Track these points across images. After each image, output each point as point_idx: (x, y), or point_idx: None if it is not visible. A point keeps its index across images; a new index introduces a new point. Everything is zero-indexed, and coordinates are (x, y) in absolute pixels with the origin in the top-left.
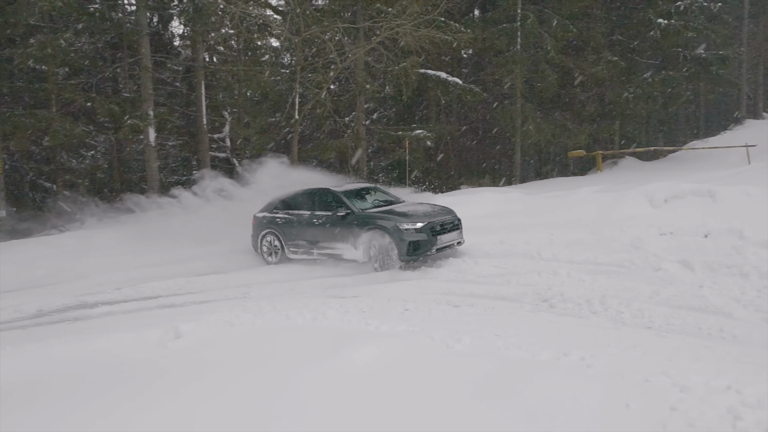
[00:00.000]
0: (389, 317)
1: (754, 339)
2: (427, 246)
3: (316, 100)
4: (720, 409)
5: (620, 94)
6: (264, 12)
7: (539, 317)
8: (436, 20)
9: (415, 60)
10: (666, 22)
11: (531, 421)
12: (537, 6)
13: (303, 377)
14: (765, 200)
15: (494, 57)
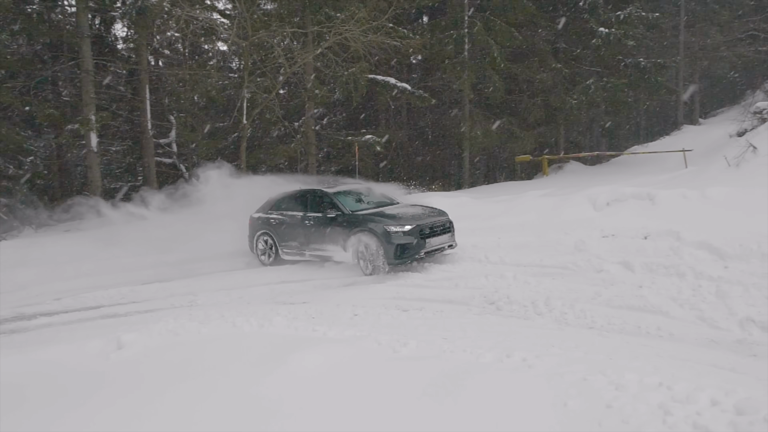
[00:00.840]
0: (338, 323)
1: (689, 336)
2: (415, 249)
3: (264, 104)
4: (652, 406)
5: (565, 101)
6: (210, 15)
7: (486, 320)
8: (384, 26)
9: (364, 65)
10: (607, 31)
11: (473, 422)
12: (484, 13)
13: (247, 386)
14: (700, 203)
15: (442, 63)
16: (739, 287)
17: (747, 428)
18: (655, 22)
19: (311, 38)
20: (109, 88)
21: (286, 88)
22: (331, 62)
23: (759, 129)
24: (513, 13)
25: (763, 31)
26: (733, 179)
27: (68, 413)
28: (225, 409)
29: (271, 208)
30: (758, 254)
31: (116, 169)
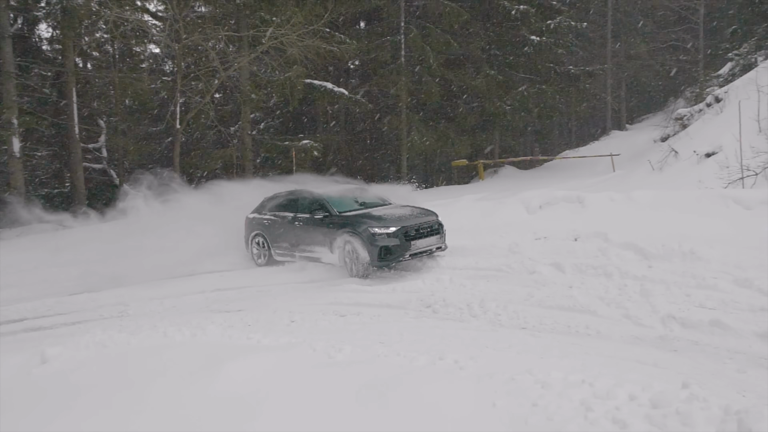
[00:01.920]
0: (274, 330)
1: (616, 334)
2: (399, 251)
3: (198, 109)
4: (575, 402)
5: (499, 106)
6: (141, 17)
7: (423, 323)
8: (320, 31)
9: (301, 70)
10: (539, 39)
11: (402, 426)
12: (420, 20)
13: (176, 397)
14: (627, 205)
15: (379, 69)
16: (662, 286)
17: (661, 421)
18: (584, 31)
19: (246, 42)
20: (33, 91)
21: (221, 92)
22: (267, 66)
23: (680, 134)
24: (448, 20)
25: (683, 42)
26: (657, 182)
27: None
28: (152, 427)
29: (265, 209)
30: (679, 254)
31: (42, 175)
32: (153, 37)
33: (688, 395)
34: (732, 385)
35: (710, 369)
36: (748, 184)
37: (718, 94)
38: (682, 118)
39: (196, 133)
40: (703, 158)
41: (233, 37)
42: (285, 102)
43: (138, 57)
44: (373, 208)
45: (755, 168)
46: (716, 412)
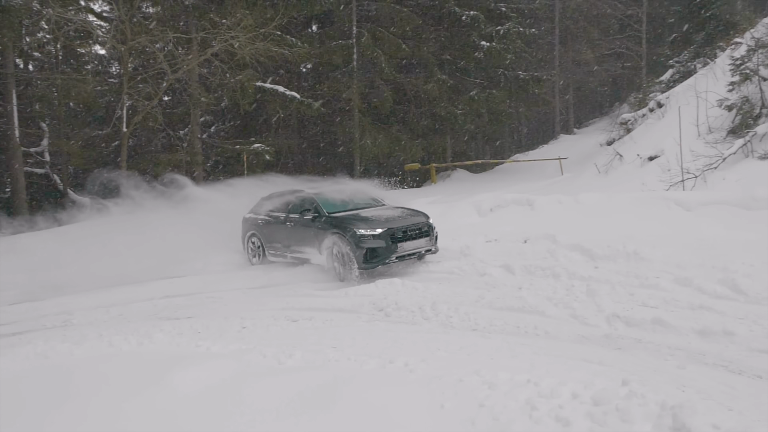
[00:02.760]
0: (224, 337)
1: (563, 333)
2: (385, 254)
3: (146, 112)
4: (520, 402)
5: (450, 111)
6: (86, 17)
7: (375, 326)
8: (272, 34)
9: (252, 73)
10: (488, 44)
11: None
12: (372, 24)
13: (119, 409)
14: (574, 207)
15: (332, 72)
16: (607, 285)
17: (601, 418)
18: (532, 37)
19: (196, 44)
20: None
21: (170, 95)
22: (218, 69)
23: (625, 139)
24: (399, 25)
25: (627, 49)
26: (603, 185)
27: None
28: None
29: (260, 209)
30: (624, 254)
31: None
32: (98, 38)
33: (627, 392)
34: (672, 381)
35: (652, 366)
36: (689, 186)
37: (660, 99)
38: (627, 122)
39: (143, 137)
40: (647, 161)
41: (182, 39)
42: (236, 105)
43: (82, 58)
44: (364, 209)
45: (695, 171)
46: (653, 408)
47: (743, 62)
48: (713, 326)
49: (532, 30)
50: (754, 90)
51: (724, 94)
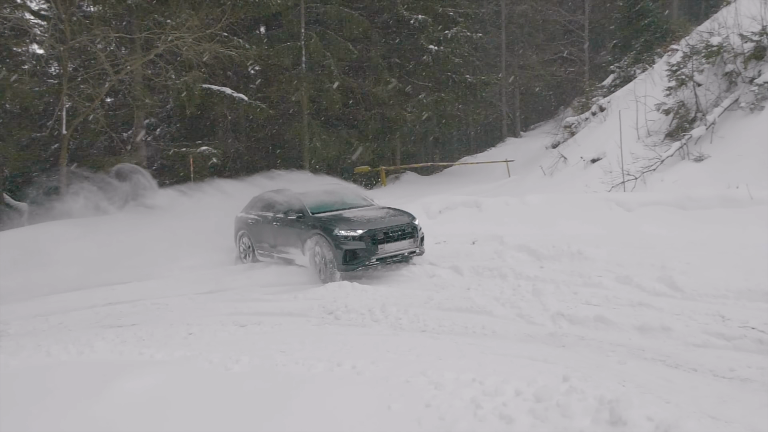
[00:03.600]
0: (170, 344)
1: (510, 333)
2: (366, 256)
3: (87, 113)
4: (465, 400)
5: (399, 113)
6: (22, 15)
7: (325, 330)
8: (218, 35)
9: (198, 74)
10: (437, 48)
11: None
12: (321, 27)
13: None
14: (520, 209)
15: (281, 74)
16: (552, 285)
17: (543, 414)
18: (479, 41)
19: (139, 45)
20: None
21: (112, 97)
22: (163, 70)
23: (569, 141)
24: (348, 28)
25: (570, 55)
26: (548, 187)
27: None
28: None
29: (250, 208)
30: (568, 254)
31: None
32: (35, 37)
33: (567, 388)
34: (614, 377)
35: (595, 362)
36: (629, 187)
37: (602, 103)
38: (571, 126)
39: (85, 140)
40: (590, 164)
41: (125, 39)
42: (182, 107)
43: (19, 58)
44: (350, 209)
45: (635, 173)
46: (592, 403)
47: (679, 68)
48: (652, 322)
49: (479, 35)
50: (689, 95)
51: (661, 99)
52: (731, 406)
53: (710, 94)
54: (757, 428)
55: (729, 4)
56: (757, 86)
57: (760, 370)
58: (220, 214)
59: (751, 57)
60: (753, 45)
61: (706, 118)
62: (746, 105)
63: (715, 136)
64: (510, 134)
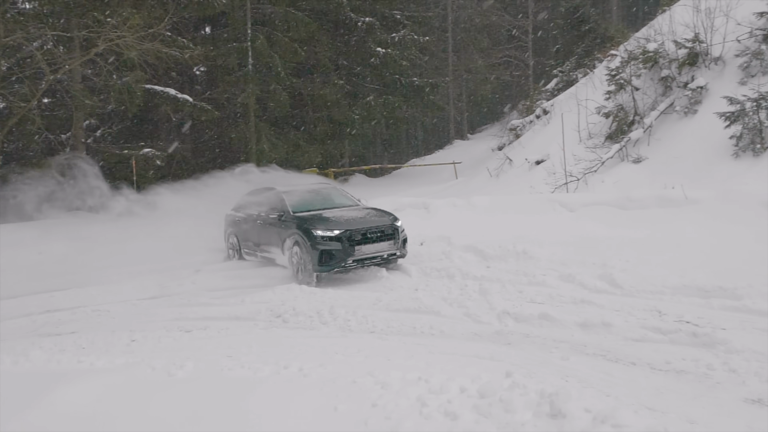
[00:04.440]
0: (111, 351)
1: (457, 332)
2: (341, 257)
3: (22, 114)
4: (411, 399)
5: (348, 116)
6: None
7: (273, 333)
8: (161, 34)
9: (140, 75)
10: (384, 51)
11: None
12: (267, 28)
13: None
14: (468, 210)
15: (226, 76)
16: (498, 284)
17: (487, 409)
18: (426, 44)
19: (78, 43)
20: None
21: (50, 97)
22: (103, 70)
23: (514, 144)
24: (295, 29)
25: (515, 59)
26: (495, 188)
27: None
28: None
29: (238, 206)
30: (513, 254)
31: None
32: None
33: (510, 383)
34: (557, 372)
35: (539, 359)
36: (572, 188)
37: (545, 106)
38: (516, 128)
39: (21, 142)
40: (534, 165)
41: (63, 37)
42: (124, 108)
43: None
44: (333, 209)
45: (577, 174)
46: (533, 397)
47: (618, 73)
48: (593, 319)
49: (426, 38)
50: (627, 99)
51: (602, 102)
52: (667, 397)
53: (647, 98)
54: (691, 417)
55: (664, 12)
56: (690, 91)
57: (695, 362)
58: (168, 218)
59: (684, 63)
60: (686, 51)
61: (643, 121)
62: (681, 109)
63: (652, 139)
64: (458, 137)
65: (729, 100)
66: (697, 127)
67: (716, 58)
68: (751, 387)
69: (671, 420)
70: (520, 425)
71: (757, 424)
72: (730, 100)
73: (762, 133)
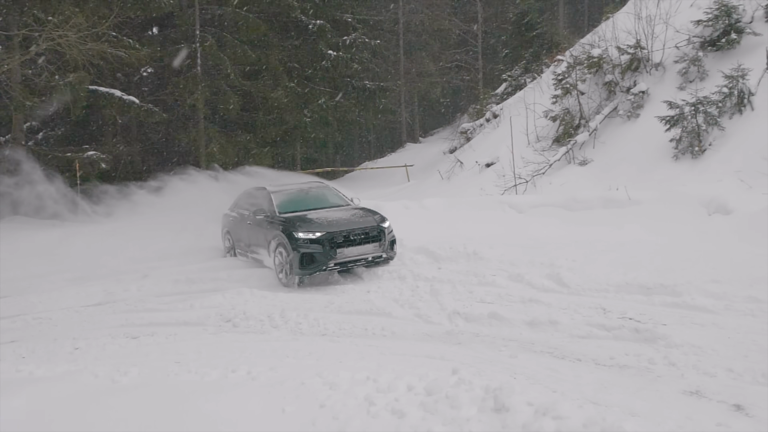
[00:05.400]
0: (53, 359)
1: (409, 333)
2: (322, 260)
3: None
4: (359, 399)
5: (299, 118)
6: None
7: (222, 338)
8: (106, 34)
9: (84, 75)
10: (335, 54)
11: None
12: (216, 29)
13: None
14: (419, 212)
15: (175, 77)
16: (449, 285)
17: (433, 406)
18: (377, 48)
19: (17, 42)
20: None
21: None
22: (44, 70)
23: (465, 147)
24: (245, 31)
25: (465, 63)
26: (446, 190)
27: None
28: None
29: (234, 205)
30: (464, 255)
31: None
32: None
33: (456, 380)
34: (506, 370)
35: (488, 357)
36: (521, 190)
37: (495, 110)
38: (466, 131)
39: None
40: (484, 168)
41: (0, 36)
42: (67, 110)
43: None
44: (320, 209)
45: (526, 176)
46: (479, 393)
47: (564, 77)
48: (541, 317)
49: (377, 41)
50: (573, 102)
51: (549, 106)
52: (611, 391)
53: (592, 102)
54: (633, 410)
55: (608, 19)
56: (633, 95)
57: (637, 357)
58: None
59: (627, 68)
60: (629, 57)
61: (589, 124)
62: (624, 113)
63: (598, 142)
64: (410, 140)
65: (669, 105)
66: (640, 131)
67: (657, 64)
68: (690, 379)
69: (614, 413)
70: (465, 420)
71: (695, 414)
72: (670, 104)
73: (700, 136)
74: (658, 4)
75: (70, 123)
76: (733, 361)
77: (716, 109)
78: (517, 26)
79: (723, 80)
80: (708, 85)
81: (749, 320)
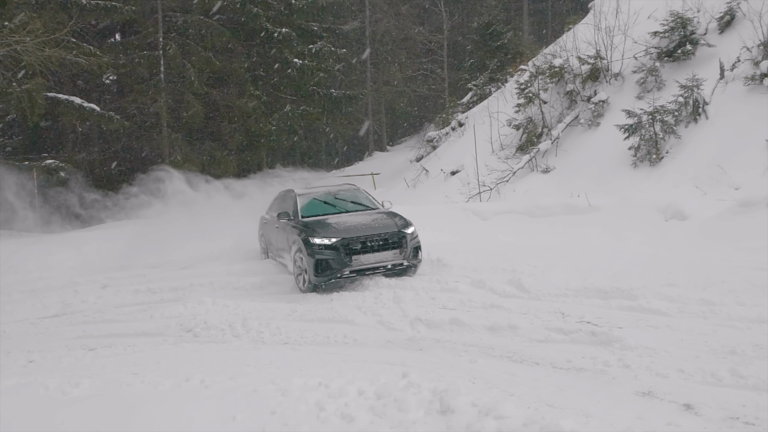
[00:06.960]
0: (4, 373)
1: (370, 340)
2: (337, 267)
3: None
4: (310, 404)
5: (264, 127)
6: None
7: (182, 348)
8: (65, 40)
9: (42, 82)
10: (301, 62)
11: None
12: (180, 36)
13: None
14: None
15: (137, 84)
16: (412, 292)
17: (382, 410)
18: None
19: None
20: None
21: None
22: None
23: (431, 155)
24: (209, 38)
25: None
26: (412, 198)
27: None
28: None
29: (269, 208)
30: (428, 261)
31: None
32: None
33: (405, 384)
34: (466, 375)
35: (449, 363)
36: (485, 197)
37: (460, 119)
38: (432, 140)
39: None
40: (449, 176)
41: None
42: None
43: None
44: (344, 213)
45: (490, 184)
46: (426, 395)
47: (527, 87)
48: (501, 322)
49: (343, 50)
50: (536, 111)
51: (512, 115)
52: (567, 394)
53: (554, 111)
54: (587, 411)
55: (570, 30)
56: (593, 104)
57: (593, 359)
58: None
59: (587, 78)
60: (589, 67)
61: (551, 133)
62: (585, 121)
63: (560, 150)
64: (377, 148)
65: (627, 114)
66: (600, 139)
67: (616, 74)
68: (643, 381)
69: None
70: (412, 423)
71: (647, 414)
72: (629, 113)
73: (657, 144)
74: (617, 15)
75: (28, 131)
76: (684, 362)
77: (673, 118)
78: (481, 36)
79: (679, 90)
80: (665, 94)
81: (701, 322)
